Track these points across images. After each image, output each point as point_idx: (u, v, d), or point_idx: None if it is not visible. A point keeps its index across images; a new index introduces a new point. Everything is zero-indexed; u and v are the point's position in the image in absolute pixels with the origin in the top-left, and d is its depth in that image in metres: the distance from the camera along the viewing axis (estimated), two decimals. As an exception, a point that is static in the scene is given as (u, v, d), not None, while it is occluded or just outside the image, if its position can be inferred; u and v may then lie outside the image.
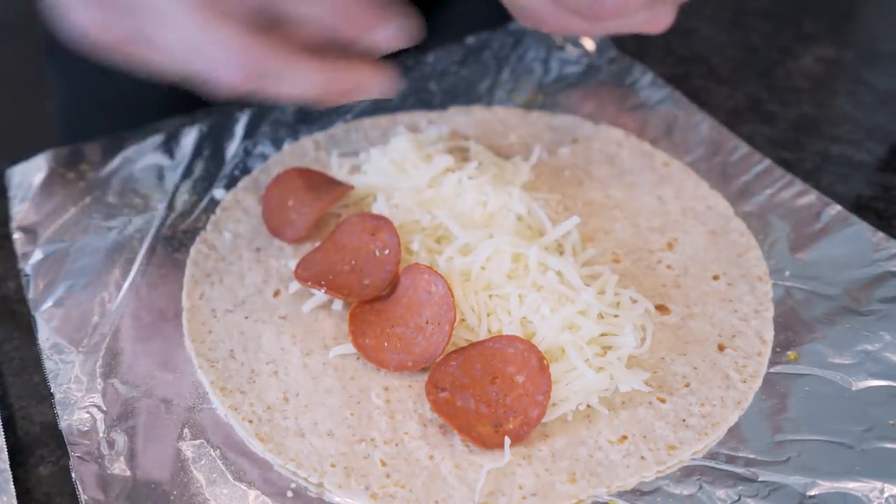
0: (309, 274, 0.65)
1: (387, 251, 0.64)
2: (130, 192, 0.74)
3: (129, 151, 0.77)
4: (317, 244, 0.68)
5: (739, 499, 0.55)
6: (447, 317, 0.61)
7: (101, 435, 0.58)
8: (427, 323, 0.61)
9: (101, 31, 0.57)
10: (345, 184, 0.72)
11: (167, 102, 0.82)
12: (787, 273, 0.68)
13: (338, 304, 0.65)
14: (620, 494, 0.56)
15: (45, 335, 0.64)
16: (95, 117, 0.84)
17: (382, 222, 0.66)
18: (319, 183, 0.72)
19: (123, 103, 0.97)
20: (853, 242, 0.69)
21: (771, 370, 0.62)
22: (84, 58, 0.96)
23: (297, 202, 0.71)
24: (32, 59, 1.04)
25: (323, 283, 0.64)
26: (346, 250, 0.66)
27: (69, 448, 0.57)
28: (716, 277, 0.68)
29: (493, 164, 0.74)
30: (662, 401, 0.60)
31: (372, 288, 0.64)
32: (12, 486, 0.55)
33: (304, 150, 0.78)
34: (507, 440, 0.56)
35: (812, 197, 0.73)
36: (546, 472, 0.56)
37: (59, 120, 1.04)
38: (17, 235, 0.71)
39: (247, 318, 0.65)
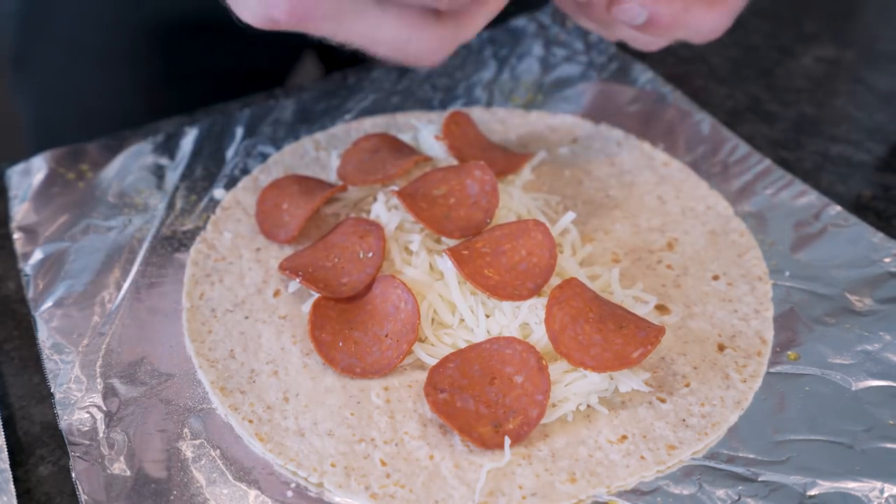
0: (289, 264, 0.65)
1: (371, 254, 0.65)
2: (130, 192, 0.74)
3: (129, 151, 0.77)
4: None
5: (739, 499, 0.55)
6: (407, 337, 0.61)
7: (101, 435, 0.58)
8: (387, 336, 0.62)
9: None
10: (336, 184, 0.72)
11: (142, 116, 0.82)
12: (787, 273, 0.68)
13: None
14: (620, 494, 0.56)
15: (45, 335, 0.64)
16: (64, 131, 0.84)
17: (374, 227, 0.66)
18: (314, 187, 0.72)
19: (92, 116, 0.97)
20: (853, 242, 0.69)
21: (771, 370, 0.62)
22: (51, 72, 0.96)
23: (291, 205, 0.71)
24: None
25: (300, 273, 0.64)
26: (334, 249, 0.66)
27: (69, 448, 0.57)
28: (716, 277, 0.68)
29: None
30: (662, 401, 0.60)
31: (348, 287, 0.64)
32: (12, 486, 0.55)
33: (304, 150, 0.78)
34: (507, 440, 0.56)
35: (812, 197, 0.73)
36: (546, 471, 0.56)
37: (27, 133, 1.04)
38: (17, 235, 0.71)
39: (247, 317, 0.65)
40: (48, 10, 0.94)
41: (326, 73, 1.13)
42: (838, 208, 0.72)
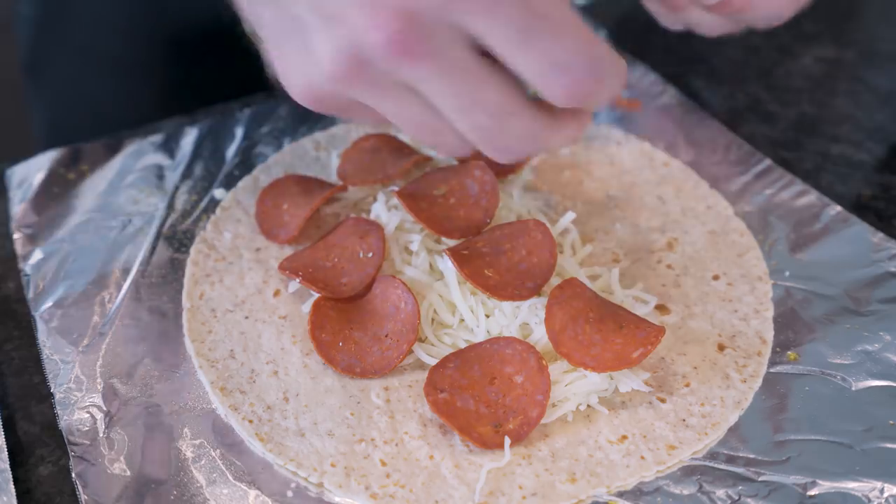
0: (289, 265, 0.65)
1: (371, 254, 0.65)
2: (130, 192, 0.74)
3: (129, 151, 0.77)
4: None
5: (739, 499, 0.55)
6: (407, 337, 0.61)
7: (101, 435, 0.58)
8: (387, 336, 0.62)
9: None
10: (336, 184, 0.72)
11: (151, 122, 0.82)
12: (787, 273, 0.68)
13: (338, 304, 0.65)
14: (620, 494, 0.56)
15: (45, 335, 0.64)
16: (77, 138, 0.84)
17: (373, 227, 0.66)
18: (314, 187, 0.72)
19: (106, 124, 0.97)
20: (853, 242, 0.69)
21: (771, 370, 0.62)
22: (65, 79, 0.96)
23: (292, 205, 0.71)
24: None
25: (300, 273, 0.64)
26: (334, 249, 0.66)
27: (69, 448, 0.57)
28: (716, 277, 0.68)
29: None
30: (662, 401, 0.60)
31: (348, 287, 0.64)
32: (12, 486, 0.55)
33: (304, 150, 0.78)
34: (507, 440, 0.56)
35: (812, 197, 0.73)
36: (546, 471, 0.56)
37: (39, 138, 1.04)
38: (17, 235, 0.71)
39: (247, 317, 0.65)
40: (63, 16, 0.94)
41: None
42: (838, 208, 0.72)
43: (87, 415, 0.59)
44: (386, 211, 0.68)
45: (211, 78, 0.95)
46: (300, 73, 0.50)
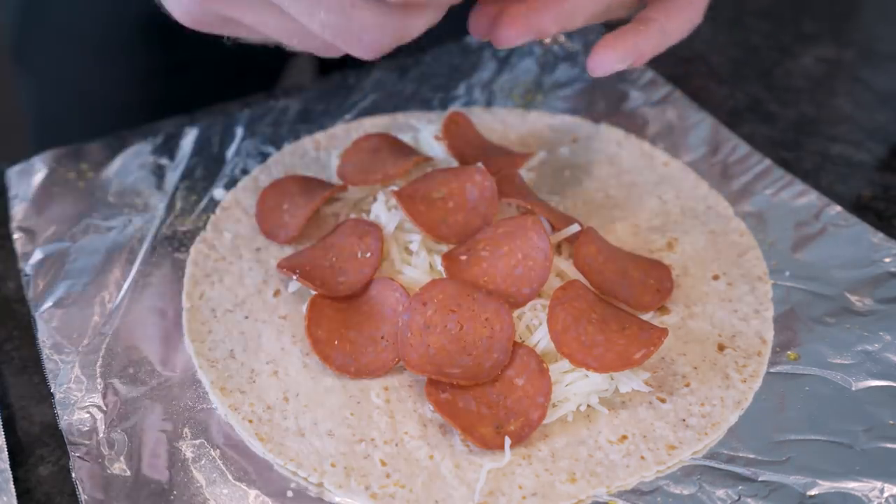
0: (287, 263, 0.65)
1: (368, 254, 0.65)
2: (130, 192, 0.74)
3: (129, 151, 0.77)
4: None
5: (739, 499, 0.55)
6: None
7: (101, 435, 0.58)
8: (382, 338, 0.62)
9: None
10: (336, 184, 0.72)
11: (141, 107, 0.81)
12: (787, 273, 0.68)
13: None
14: (620, 494, 0.56)
15: (45, 335, 0.64)
16: (65, 122, 0.83)
17: (372, 228, 0.66)
18: (315, 187, 0.72)
19: (91, 107, 0.96)
20: (853, 242, 0.69)
21: (771, 370, 0.62)
22: (50, 63, 0.96)
23: (292, 205, 0.71)
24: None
25: (298, 271, 0.64)
26: (333, 249, 0.66)
27: (69, 448, 0.57)
28: (716, 277, 0.68)
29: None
30: (662, 401, 0.60)
31: (345, 286, 0.64)
32: (12, 486, 0.55)
33: (304, 150, 0.78)
34: (508, 440, 0.56)
35: (812, 197, 0.73)
36: (546, 471, 0.56)
37: (31, 124, 1.04)
38: (17, 235, 0.71)
39: (247, 317, 0.65)
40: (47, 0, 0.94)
41: (321, 67, 1.13)
42: (838, 208, 0.72)
43: (87, 415, 0.59)
44: (386, 211, 0.68)
45: (193, 59, 0.95)
46: None
